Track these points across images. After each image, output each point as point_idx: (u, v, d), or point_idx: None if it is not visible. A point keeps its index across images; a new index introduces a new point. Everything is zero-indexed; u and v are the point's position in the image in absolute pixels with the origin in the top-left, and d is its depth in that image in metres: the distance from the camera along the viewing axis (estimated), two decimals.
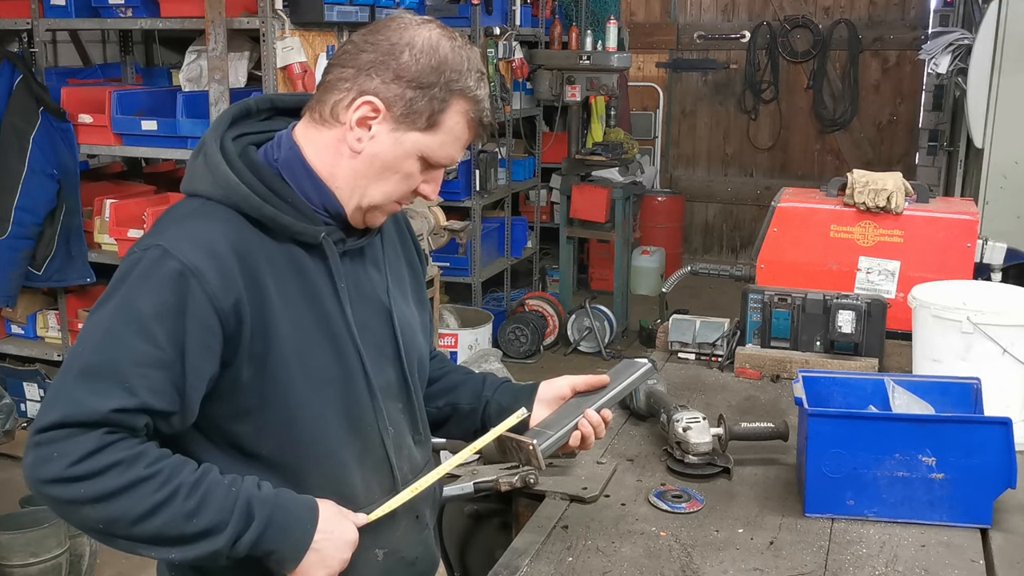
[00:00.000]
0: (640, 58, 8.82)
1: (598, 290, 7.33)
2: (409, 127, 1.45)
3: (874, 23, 8.56)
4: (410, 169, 1.48)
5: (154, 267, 1.37)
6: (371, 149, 1.46)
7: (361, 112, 1.44)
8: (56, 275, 4.54)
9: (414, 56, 1.43)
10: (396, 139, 1.45)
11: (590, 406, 1.72)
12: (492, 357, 5.06)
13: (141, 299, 1.36)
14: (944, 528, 1.89)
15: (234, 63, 4.27)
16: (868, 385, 2.14)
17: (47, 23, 4.48)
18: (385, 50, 1.44)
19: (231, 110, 1.54)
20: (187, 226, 1.42)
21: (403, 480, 1.60)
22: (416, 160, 1.47)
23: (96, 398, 1.33)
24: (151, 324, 1.35)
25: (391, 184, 1.49)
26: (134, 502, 1.35)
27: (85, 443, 1.33)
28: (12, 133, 4.37)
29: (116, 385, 1.34)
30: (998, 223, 4.19)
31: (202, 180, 1.45)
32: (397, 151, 1.46)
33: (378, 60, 1.43)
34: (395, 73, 1.43)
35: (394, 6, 4.44)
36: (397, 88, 1.43)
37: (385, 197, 1.49)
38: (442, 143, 1.47)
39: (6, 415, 3.76)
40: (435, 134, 1.46)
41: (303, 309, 1.46)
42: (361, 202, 1.50)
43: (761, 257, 3.09)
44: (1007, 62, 4.49)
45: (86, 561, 3.69)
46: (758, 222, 6.40)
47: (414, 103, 1.43)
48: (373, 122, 1.45)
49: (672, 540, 1.85)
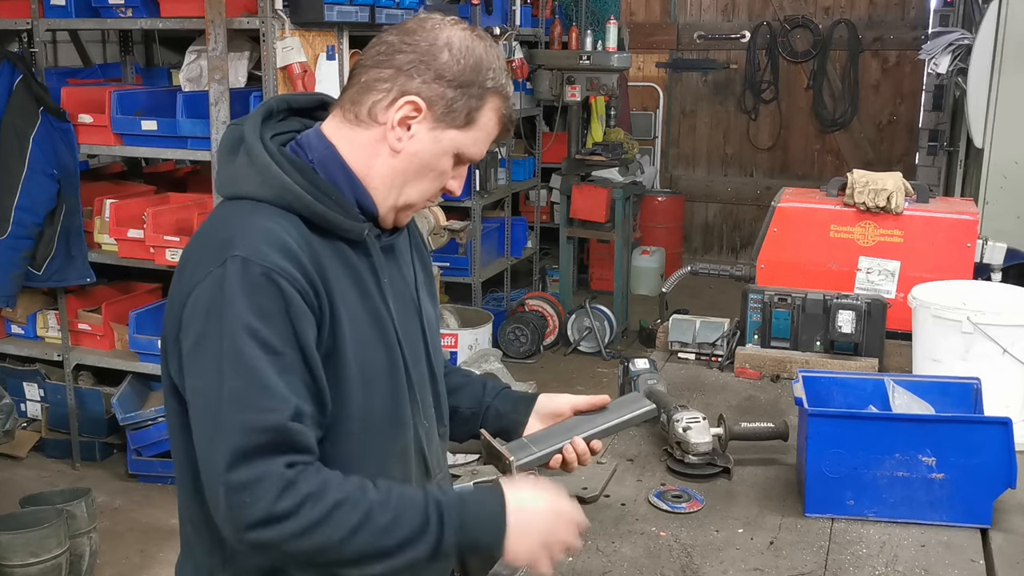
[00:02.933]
0: (640, 58, 8.81)
1: (598, 290, 7.34)
2: (448, 125, 1.47)
3: (874, 23, 8.56)
4: (445, 167, 1.51)
5: (241, 278, 1.35)
6: (411, 148, 1.48)
7: (403, 112, 1.46)
8: (56, 275, 4.53)
9: (454, 56, 1.45)
10: (435, 137, 1.48)
11: (581, 433, 1.71)
12: (492, 357, 5.05)
13: (244, 313, 1.35)
14: (944, 528, 1.89)
15: (234, 63, 4.27)
16: (868, 385, 2.14)
17: (47, 23, 4.48)
18: (424, 50, 1.45)
19: (259, 111, 1.53)
20: (253, 229, 1.40)
21: (433, 472, 1.62)
22: (451, 157, 1.50)
23: (257, 415, 1.33)
24: (264, 333, 1.35)
25: (427, 182, 1.51)
26: (336, 527, 1.35)
27: (273, 479, 1.32)
28: (12, 133, 4.37)
29: (266, 399, 1.34)
30: (998, 223, 4.18)
31: (249, 181, 1.44)
32: (435, 149, 1.48)
33: (419, 60, 1.45)
34: (436, 73, 1.45)
35: (394, 6, 4.43)
36: (439, 88, 1.45)
37: (420, 196, 1.52)
38: (475, 139, 1.50)
39: (6, 415, 3.75)
40: (470, 131, 1.49)
41: (356, 304, 1.48)
42: (397, 201, 1.51)
43: (761, 257, 3.09)
44: (1007, 62, 4.49)
45: (86, 561, 3.69)
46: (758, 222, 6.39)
47: (454, 102, 1.46)
48: (413, 121, 1.47)
49: (672, 540, 1.85)
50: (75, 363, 4.70)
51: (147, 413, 4.50)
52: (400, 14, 4.49)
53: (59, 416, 4.82)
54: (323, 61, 4.23)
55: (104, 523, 4.12)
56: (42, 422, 4.88)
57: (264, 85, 4.00)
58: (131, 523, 4.26)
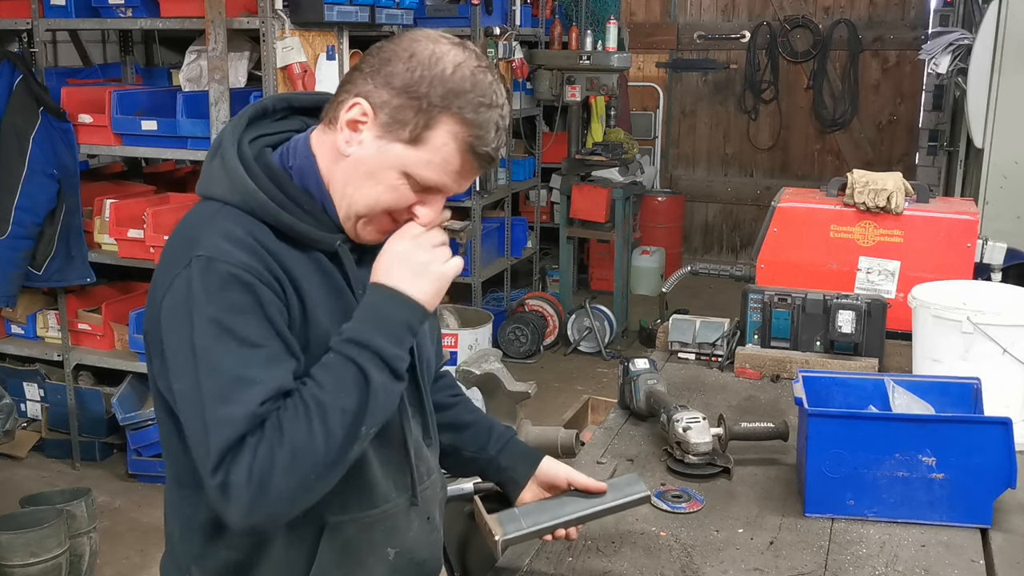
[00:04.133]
0: (640, 58, 8.82)
1: (598, 290, 7.34)
2: (393, 137, 1.42)
3: (874, 23, 8.56)
4: (392, 182, 1.44)
5: (207, 277, 1.35)
6: (357, 153, 1.44)
7: (351, 114, 1.43)
8: (56, 275, 4.53)
9: (409, 65, 1.40)
10: (380, 147, 1.43)
11: (572, 515, 1.71)
12: (492, 357, 5.03)
13: (214, 312, 1.34)
14: (944, 528, 1.89)
15: (234, 63, 4.27)
16: (868, 385, 2.14)
17: (47, 23, 4.48)
18: (386, 57, 1.42)
19: (248, 111, 1.52)
20: (216, 228, 1.40)
21: (419, 481, 1.60)
22: (399, 174, 1.43)
23: (238, 407, 1.32)
24: (241, 329, 1.34)
25: (374, 193, 1.45)
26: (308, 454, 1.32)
27: (244, 456, 1.31)
28: (12, 133, 4.37)
29: (247, 387, 1.33)
30: (998, 223, 4.19)
31: (219, 184, 1.44)
32: (380, 160, 1.43)
33: (379, 65, 1.42)
34: (385, 78, 1.41)
35: (394, 6, 4.44)
36: (385, 94, 1.41)
37: (368, 207, 1.46)
38: (428, 162, 1.42)
39: (6, 415, 3.75)
40: (419, 150, 1.41)
41: (335, 309, 1.47)
42: (349, 211, 1.47)
43: (761, 257, 3.09)
44: (1007, 62, 4.49)
45: (86, 561, 3.69)
46: (758, 222, 6.40)
47: (399, 112, 1.40)
48: (363, 126, 1.43)
49: (672, 540, 1.85)
50: (75, 363, 4.70)
51: (147, 413, 4.51)
52: (400, 14, 4.49)
53: (59, 416, 4.82)
54: (323, 61, 4.23)
55: (104, 523, 4.12)
56: (42, 422, 4.88)
57: (264, 85, 4.00)
58: (131, 523, 4.26)
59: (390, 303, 1.41)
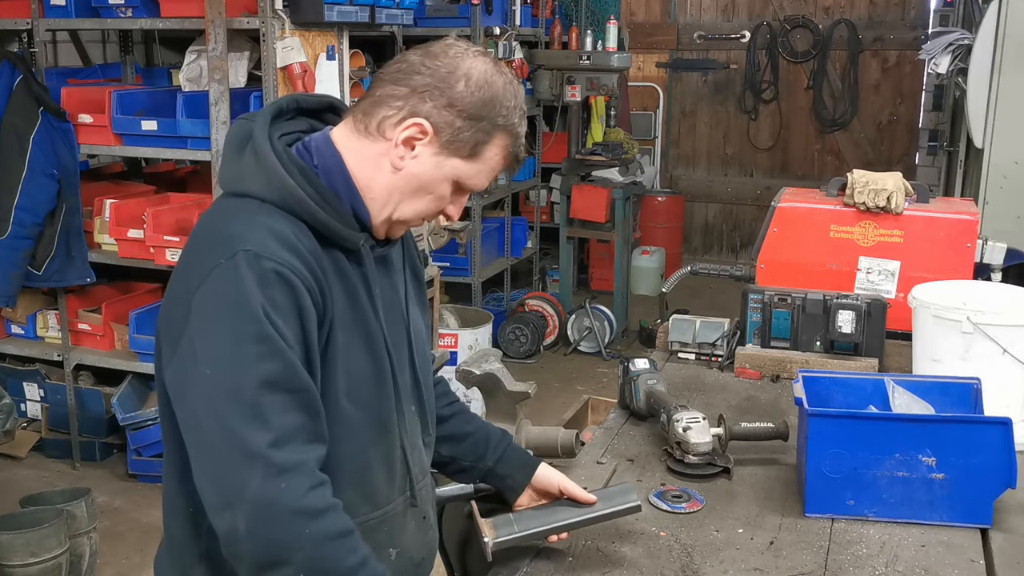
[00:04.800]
0: (640, 58, 8.82)
1: (598, 290, 7.33)
2: (452, 154, 1.49)
3: (874, 23, 8.56)
4: (443, 192, 1.52)
5: (253, 271, 1.37)
6: (412, 168, 1.49)
7: (409, 132, 1.47)
8: (56, 275, 4.53)
9: (469, 88, 1.47)
10: (437, 163, 1.49)
11: (563, 522, 1.78)
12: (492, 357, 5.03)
13: (262, 302, 1.36)
14: (944, 528, 1.89)
15: (234, 63, 4.27)
16: (868, 385, 2.14)
17: (47, 23, 4.48)
18: (442, 76, 1.47)
19: (269, 109, 1.54)
20: (259, 225, 1.41)
21: (416, 479, 1.64)
22: (450, 184, 1.52)
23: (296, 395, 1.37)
24: (282, 325, 1.37)
25: (423, 203, 1.53)
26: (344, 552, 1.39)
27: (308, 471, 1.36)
28: (12, 133, 4.37)
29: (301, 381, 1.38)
30: (998, 223, 4.18)
31: (255, 181, 1.45)
32: (436, 174, 1.50)
33: (434, 85, 1.46)
34: (449, 100, 1.46)
35: (394, 6, 4.43)
36: (448, 115, 1.47)
37: (415, 214, 1.54)
38: (478, 172, 1.52)
39: (6, 415, 3.75)
40: (474, 163, 1.50)
41: (346, 311, 1.50)
42: (392, 215, 1.53)
43: (761, 257, 3.09)
44: (1007, 62, 4.49)
45: (86, 561, 3.69)
46: (758, 222, 6.39)
47: (461, 132, 1.47)
48: (418, 143, 1.48)
49: (672, 540, 1.85)
50: (75, 363, 4.70)
51: (147, 413, 4.51)
52: (400, 14, 4.49)
53: (59, 416, 4.82)
54: (323, 61, 4.22)
55: (104, 523, 4.12)
56: (42, 422, 4.88)
57: (264, 85, 4.00)
58: (131, 523, 4.26)
59: None
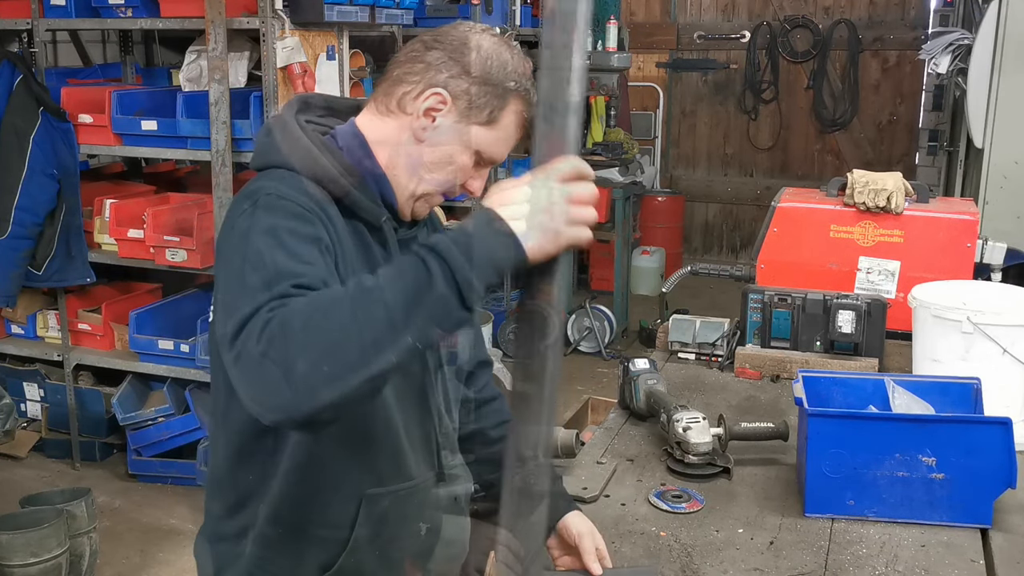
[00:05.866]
0: (640, 58, 8.81)
1: (598, 290, 7.33)
2: (471, 121, 1.52)
3: (874, 23, 8.55)
4: (465, 162, 1.55)
5: (273, 205, 1.41)
6: (434, 138, 1.53)
7: (429, 103, 1.51)
8: (56, 275, 4.53)
9: (481, 55, 1.51)
10: (458, 131, 1.53)
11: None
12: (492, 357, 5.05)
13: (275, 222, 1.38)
14: (944, 528, 1.89)
15: (234, 63, 4.27)
16: (868, 385, 2.14)
17: (47, 23, 4.48)
18: (454, 48, 1.52)
19: (296, 100, 1.61)
20: (283, 183, 1.46)
21: (443, 455, 1.66)
22: (472, 154, 1.54)
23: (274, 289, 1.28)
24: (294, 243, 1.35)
25: (445, 174, 1.55)
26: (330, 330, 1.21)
27: (258, 319, 1.23)
28: (12, 133, 4.37)
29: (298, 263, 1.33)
30: (998, 223, 4.18)
31: (281, 152, 1.51)
32: (457, 143, 1.53)
33: (448, 56, 1.52)
34: (462, 68, 1.51)
35: (394, 6, 4.43)
36: (464, 83, 1.51)
37: (438, 186, 1.57)
38: (497, 139, 1.54)
39: (6, 415, 3.76)
40: (492, 130, 1.53)
41: None
42: (416, 189, 1.56)
43: (761, 257, 3.09)
44: (1007, 62, 4.49)
45: (86, 561, 3.69)
46: (758, 222, 6.38)
47: (478, 98, 1.51)
48: (438, 114, 1.52)
49: (672, 540, 1.85)
50: (75, 363, 4.70)
51: (147, 413, 4.51)
52: (400, 14, 4.49)
53: (59, 416, 4.82)
54: (323, 61, 4.22)
55: (104, 523, 4.12)
56: (42, 422, 4.88)
57: (264, 85, 4.00)
58: (131, 523, 4.27)
59: (492, 235, 1.24)
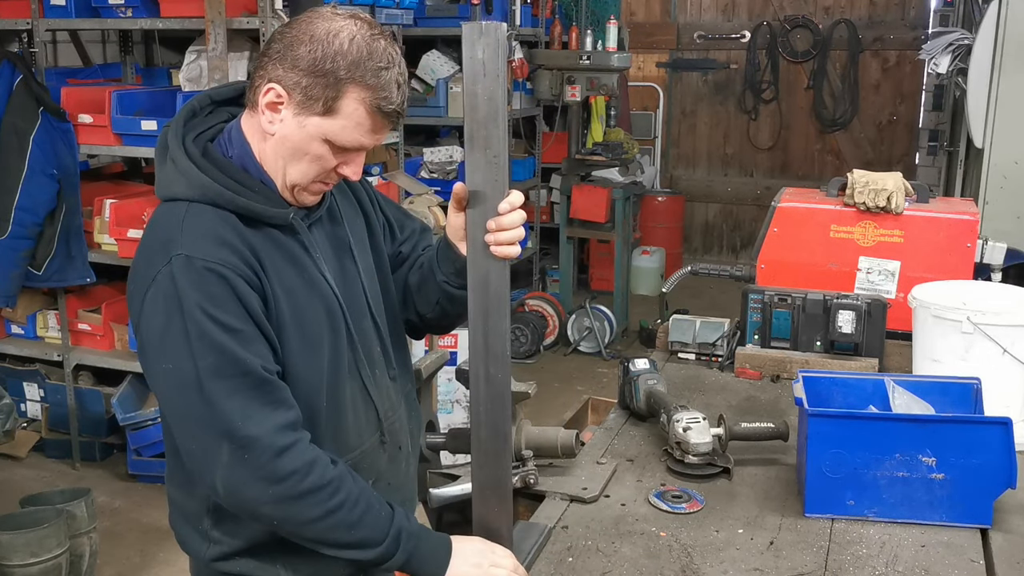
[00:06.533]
0: (640, 58, 8.81)
1: (598, 290, 7.33)
2: (309, 112, 1.55)
3: (874, 23, 8.56)
4: (318, 151, 1.58)
5: (187, 273, 1.50)
6: (280, 132, 1.58)
7: (268, 98, 1.56)
8: (56, 275, 4.53)
9: (309, 47, 1.53)
10: (299, 123, 1.56)
11: None
12: None
13: (199, 301, 1.49)
14: (944, 528, 1.89)
15: (234, 63, 4.27)
16: (868, 385, 2.14)
17: (47, 23, 4.48)
18: (289, 41, 1.55)
19: (181, 115, 1.65)
20: (189, 228, 1.54)
21: (384, 416, 1.76)
22: (322, 143, 1.57)
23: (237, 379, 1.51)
24: (221, 316, 1.50)
25: (304, 164, 1.59)
26: (312, 507, 1.54)
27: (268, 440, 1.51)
28: (12, 133, 4.37)
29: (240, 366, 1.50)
30: (998, 223, 4.18)
31: (178, 184, 1.58)
32: (302, 134, 1.56)
33: (284, 50, 1.55)
34: (292, 62, 1.54)
35: (394, 6, 4.44)
36: (295, 76, 1.54)
37: (302, 176, 1.60)
38: (343, 127, 1.56)
39: (6, 415, 3.75)
40: (334, 119, 1.55)
41: (293, 277, 1.61)
42: (285, 181, 1.61)
43: (761, 257, 3.09)
44: (1007, 62, 4.49)
45: (86, 561, 3.68)
46: (758, 222, 6.40)
47: (309, 90, 1.53)
48: (281, 107, 1.56)
49: (672, 540, 1.85)
50: (75, 363, 4.70)
51: (147, 413, 4.50)
52: (400, 14, 4.50)
53: (59, 416, 4.82)
54: None
55: (104, 523, 4.12)
56: (42, 422, 4.88)
57: None
58: (131, 523, 4.26)
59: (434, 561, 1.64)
